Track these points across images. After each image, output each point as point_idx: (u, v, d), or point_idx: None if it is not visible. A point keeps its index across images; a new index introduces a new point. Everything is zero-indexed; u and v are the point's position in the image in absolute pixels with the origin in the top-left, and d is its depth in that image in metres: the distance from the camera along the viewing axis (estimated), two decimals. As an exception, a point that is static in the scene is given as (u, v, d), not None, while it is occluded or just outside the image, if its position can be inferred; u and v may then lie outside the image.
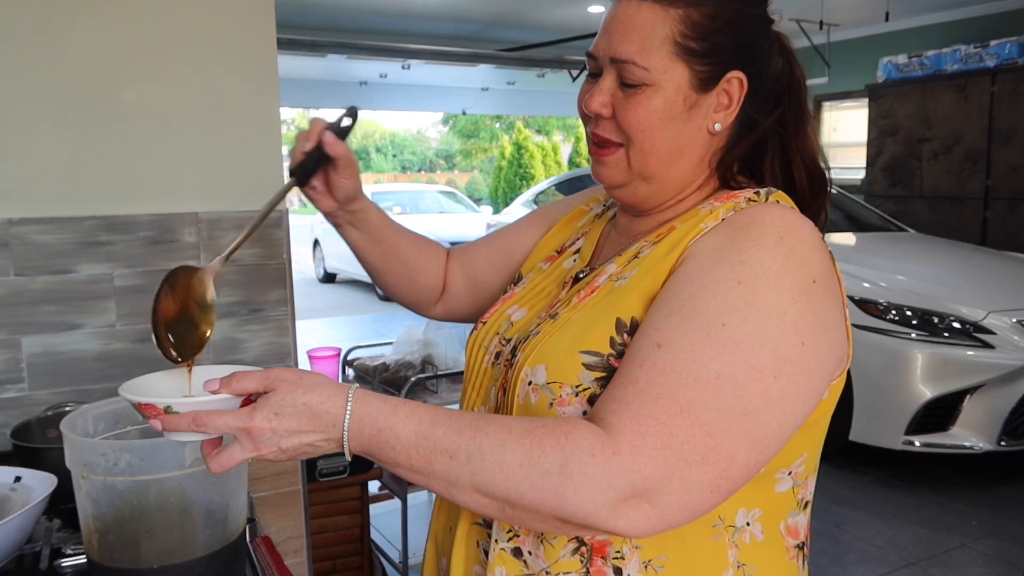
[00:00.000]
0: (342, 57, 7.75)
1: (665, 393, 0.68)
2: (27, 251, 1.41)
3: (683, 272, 0.76)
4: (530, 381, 0.79)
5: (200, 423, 0.68)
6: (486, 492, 0.67)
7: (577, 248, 0.98)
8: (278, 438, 0.68)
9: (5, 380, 1.41)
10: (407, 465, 0.69)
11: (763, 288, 0.71)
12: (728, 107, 0.83)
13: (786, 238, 0.74)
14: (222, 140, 1.53)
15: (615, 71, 0.82)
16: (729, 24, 0.81)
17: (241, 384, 0.70)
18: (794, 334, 0.71)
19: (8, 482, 1.04)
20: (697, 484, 0.67)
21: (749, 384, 0.68)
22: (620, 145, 0.84)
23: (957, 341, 3.47)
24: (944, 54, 6.43)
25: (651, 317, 0.74)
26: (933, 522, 3.26)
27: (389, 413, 0.69)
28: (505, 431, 0.68)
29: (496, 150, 23.43)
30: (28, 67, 1.38)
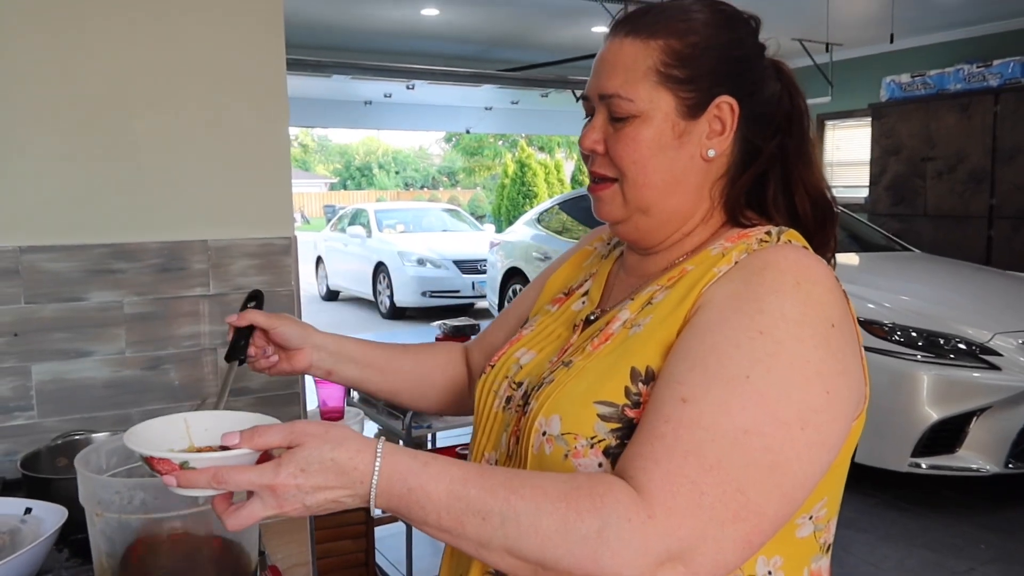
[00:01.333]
0: (347, 77, 7.82)
1: (694, 450, 0.67)
2: (37, 279, 1.41)
3: (701, 321, 0.75)
4: (544, 431, 0.78)
5: (221, 480, 0.65)
6: (519, 555, 0.66)
7: (585, 290, 0.97)
8: (303, 495, 0.65)
9: (15, 408, 1.41)
10: (436, 525, 0.67)
11: (784, 337, 0.71)
12: (722, 133, 0.83)
13: (803, 283, 0.74)
14: (231, 168, 1.54)
15: (605, 108, 0.84)
16: (711, 49, 0.82)
17: (264, 439, 0.67)
18: (818, 383, 0.70)
19: (18, 514, 1.04)
20: (730, 542, 0.66)
21: (777, 437, 0.68)
22: (615, 180, 0.85)
23: (963, 363, 3.46)
24: (947, 73, 6.46)
25: (672, 369, 0.73)
26: (940, 545, 3.24)
27: (419, 470, 0.67)
28: (540, 493, 0.66)
29: (499, 168, 23.50)
30: (41, 96, 1.39)
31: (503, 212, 17.50)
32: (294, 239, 1.61)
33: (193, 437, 0.74)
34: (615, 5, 6.66)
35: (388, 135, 35.32)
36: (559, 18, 7.42)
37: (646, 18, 0.84)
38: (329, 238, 11.27)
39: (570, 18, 7.39)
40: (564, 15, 7.26)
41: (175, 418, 0.76)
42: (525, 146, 19.11)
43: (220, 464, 0.65)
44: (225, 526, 0.67)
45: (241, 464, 0.66)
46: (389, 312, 9.47)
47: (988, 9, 6.66)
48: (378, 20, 7.41)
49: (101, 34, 1.43)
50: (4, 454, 1.40)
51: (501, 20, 7.55)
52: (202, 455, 0.67)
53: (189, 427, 0.75)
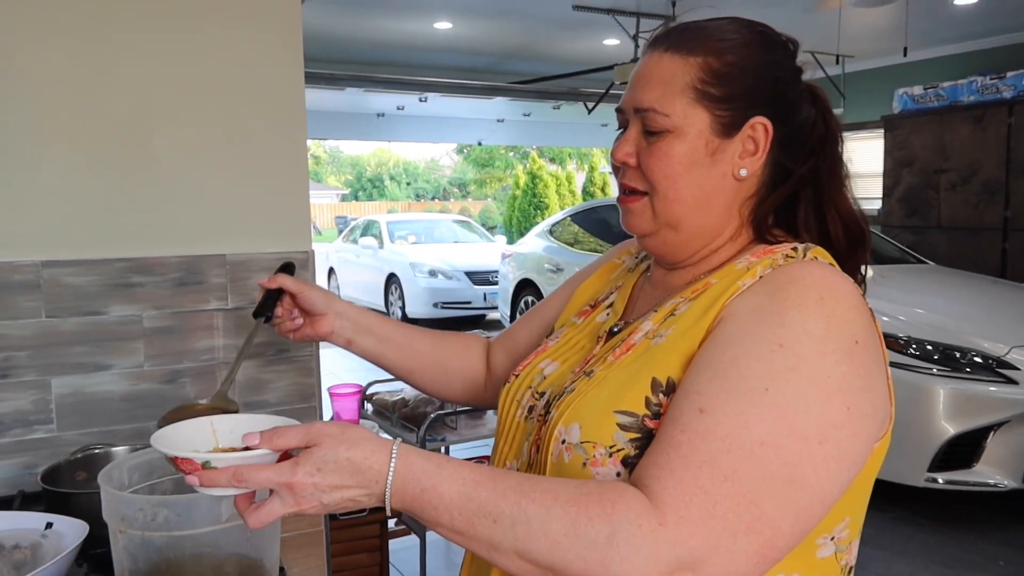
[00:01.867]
0: (360, 90, 7.87)
1: (709, 460, 0.67)
2: (58, 293, 1.42)
3: (722, 333, 0.75)
4: (563, 439, 0.79)
5: (241, 478, 0.67)
6: (529, 558, 0.66)
7: (610, 302, 0.97)
8: (320, 493, 0.67)
9: (34, 421, 1.42)
10: (448, 526, 0.68)
11: (806, 351, 0.70)
12: (755, 153, 0.83)
13: (827, 298, 0.73)
14: (250, 183, 1.55)
15: (639, 121, 0.84)
16: (749, 69, 0.82)
17: (283, 440, 0.69)
18: (839, 398, 0.70)
19: (39, 528, 1.04)
20: (743, 554, 0.66)
21: (794, 451, 0.67)
22: (645, 193, 0.85)
23: (980, 376, 3.43)
24: (960, 85, 6.44)
25: (691, 380, 0.73)
26: (958, 562, 3.20)
27: (432, 472, 0.68)
28: (551, 497, 0.67)
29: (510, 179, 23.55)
30: (62, 111, 1.41)
31: (514, 223, 17.54)
32: (311, 253, 1.62)
33: (219, 439, 0.76)
34: (628, 19, 6.69)
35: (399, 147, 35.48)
36: (571, 31, 7.45)
37: (685, 35, 0.84)
38: (341, 249, 11.31)
39: (582, 31, 7.42)
40: (576, 28, 7.29)
41: (201, 421, 0.78)
42: (536, 158, 19.14)
43: (240, 464, 0.67)
44: (247, 524, 0.69)
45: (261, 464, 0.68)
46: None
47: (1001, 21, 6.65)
48: (391, 33, 7.46)
49: (122, 49, 1.44)
50: (24, 467, 1.40)
51: (513, 33, 7.59)
52: (223, 455, 0.69)
53: (215, 430, 0.77)
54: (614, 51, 7.93)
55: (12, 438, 1.40)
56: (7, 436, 1.40)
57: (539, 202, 17.56)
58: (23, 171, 1.39)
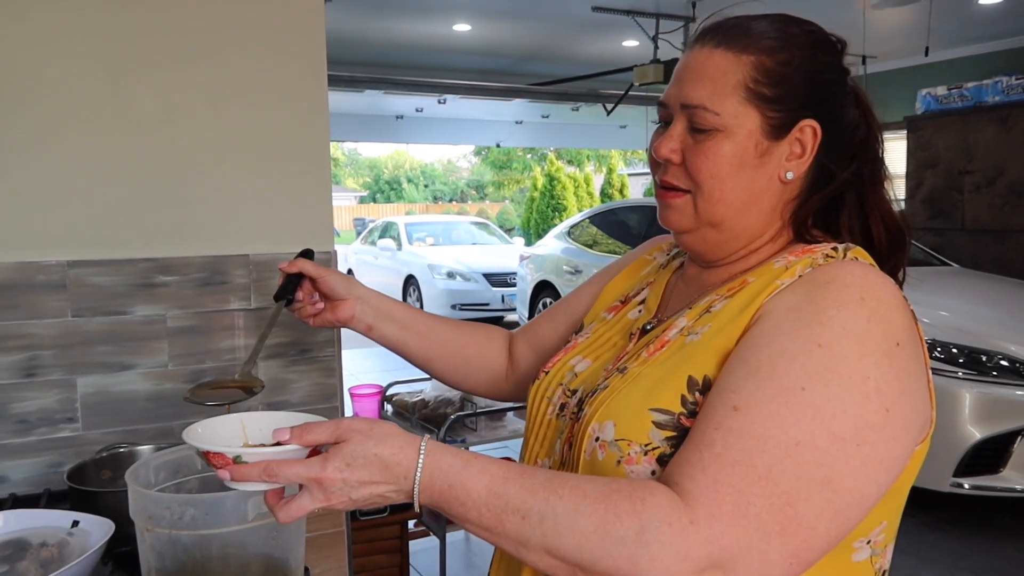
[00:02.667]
0: (379, 92, 7.90)
1: (743, 459, 0.66)
2: (83, 292, 1.43)
3: (759, 331, 0.74)
4: (597, 437, 0.78)
5: (272, 473, 0.67)
6: (557, 555, 0.66)
7: (642, 299, 0.96)
8: (349, 489, 0.68)
9: (60, 420, 1.43)
10: (477, 522, 0.68)
11: (845, 352, 0.69)
12: (801, 156, 0.82)
13: (868, 299, 0.72)
14: (273, 184, 1.55)
15: (685, 117, 0.82)
16: (802, 70, 0.81)
17: (312, 435, 0.69)
18: (877, 400, 0.68)
19: (66, 526, 1.05)
20: (776, 555, 0.65)
21: (830, 452, 0.66)
22: (687, 191, 0.83)
23: (1006, 380, 3.38)
24: (985, 86, 6.36)
25: (727, 378, 0.72)
26: (984, 568, 3.15)
27: (460, 468, 0.68)
28: (580, 494, 0.66)
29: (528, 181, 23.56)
30: (90, 115, 1.42)
31: (532, 225, 17.53)
32: (334, 253, 1.62)
33: (248, 435, 0.77)
34: (647, 20, 6.66)
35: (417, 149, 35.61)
36: (590, 32, 7.44)
37: (736, 31, 0.82)
38: (359, 251, 11.36)
39: (601, 32, 7.41)
40: (595, 29, 7.27)
41: (231, 418, 0.78)
42: (554, 159, 19.12)
43: (271, 459, 0.68)
44: (277, 519, 0.69)
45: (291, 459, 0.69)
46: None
47: (1027, 20, 6.56)
48: (411, 35, 7.49)
49: (148, 52, 1.45)
50: (49, 465, 1.41)
51: (532, 34, 7.58)
52: (254, 450, 0.69)
53: (245, 427, 0.78)
54: (633, 52, 7.90)
55: (38, 436, 1.41)
56: (33, 435, 1.41)
57: (557, 204, 17.54)
58: (49, 172, 1.40)
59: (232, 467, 0.68)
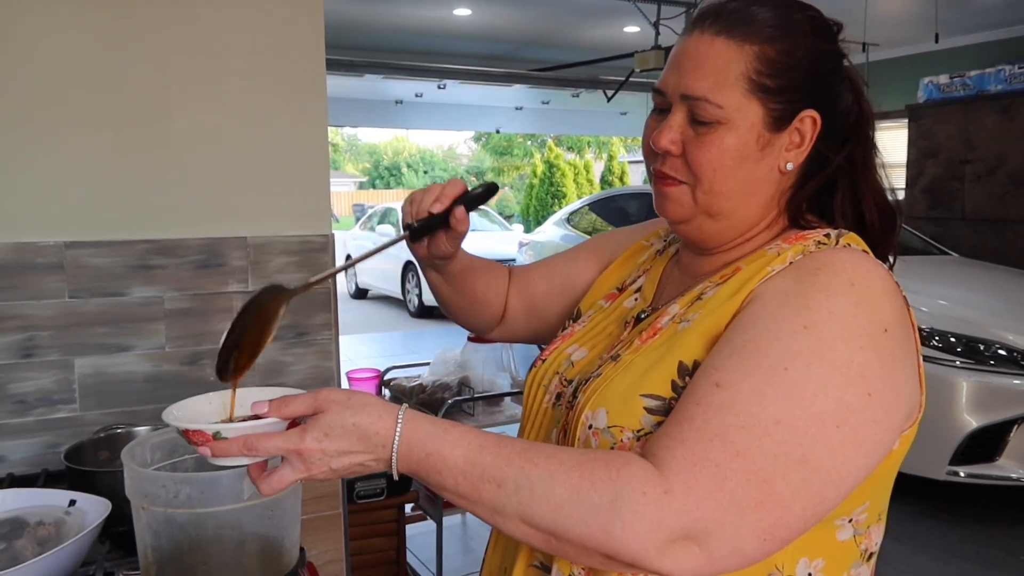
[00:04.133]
0: (378, 76, 7.87)
1: (722, 434, 0.66)
2: (81, 274, 1.43)
3: (747, 314, 0.74)
4: (591, 425, 0.78)
5: (251, 447, 0.68)
6: (532, 523, 0.66)
7: (638, 287, 0.96)
8: (328, 458, 0.68)
9: (58, 400, 1.43)
10: (454, 490, 0.69)
11: (830, 335, 0.69)
12: (800, 146, 0.81)
13: (858, 284, 0.72)
14: (271, 167, 1.55)
15: (686, 108, 0.80)
16: (804, 61, 0.79)
17: (290, 408, 0.70)
18: (860, 384, 0.68)
19: (63, 505, 1.05)
20: (750, 530, 0.65)
21: (809, 432, 0.66)
22: (685, 183, 0.82)
23: (1004, 369, 3.38)
24: (988, 74, 6.33)
25: (712, 357, 0.73)
26: (979, 556, 3.17)
27: (438, 436, 0.69)
28: (555, 462, 0.67)
29: (528, 168, 23.51)
30: (85, 95, 1.41)
31: (531, 212, 17.49)
32: (331, 236, 1.62)
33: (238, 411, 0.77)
34: (648, 5, 6.62)
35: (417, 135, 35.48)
36: (591, 18, 7.40)
37: (737, 17, 0.79)
38: (358, 237, 11.33)
39: (602, 18, 7.37)
40: (596, 15, 7.24)
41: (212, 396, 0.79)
42: (554, 146, 19.07)
43: (250, 433, 0.68)
44: (260, 491, 0.70)
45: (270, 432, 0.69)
46: (418, 311, 9.50)
47: (1031, 9, 6.53)
48: (410, 20, 7.45)
49: (144, 33, 1.44)
50: (47, 446, 1.42)
51: (533, 20, 7.54)
52: (233, 425, 0.69)
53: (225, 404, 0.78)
54: (634, 38, 7.86)
55: (36, 417, 1.42)
56: (31, 415, 1.41)
57: (556, 191, 17.50)
58: (46, 153, 1.40)
59: (212, 443, 0.68)
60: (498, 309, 1.12)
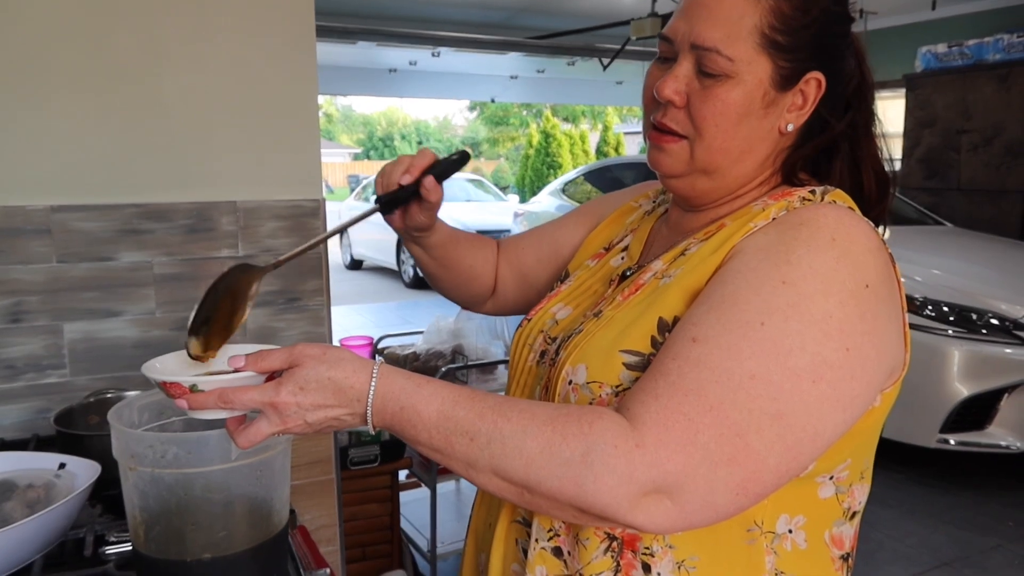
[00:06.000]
0: (372, 44, 7.77)
1: (696, 389, 0.66)
2: (68, 238, 1.42)
3: (727, 269, 0.74)
4: (571, 380, 0.78)
5: (227, 399, 0.68)
6: (505, 476, 0.67)
7: (625, 245, 0.95)
8: (303, 412, 0.68)
9: (47, 366, 1.42)
10: (427, 444, 0.69)
11: (809, 290, 0.68)
12: (802, 108, 0.80)
13: (839, 240, 0.71)
14: (261, 130, 1.53)
15: (694, 58, 0.78)
16: (818, 20, 0.78)
17: (267, 362, 0.70)
18: (838, 339, 0.68)
19: (52, 468, 1.05)
20: (723, 485, 0.65)
21: (784, 386, 0.66)
22: (684, 137, 0.80)
23: (996, 338, 3.39)
24: (986, 43, 6.28)
25: (691, 312, 0.72)
26: (968, 523, 3.21)
27: (412, 391, 0.69)
28: (527, 416, 0.67)
29: (523, 138, 23.36)
30: (72, 58, 1.39)
31: (527, 183, 17.43)
32: (322, 201, 1.60)
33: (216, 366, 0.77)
34: (645, -29, 6.53)
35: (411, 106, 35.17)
36: (587, -16, 7.30)
37: None
38: (353, 207, 11.28)
39: (598, -16, 7.26)
40: (592, -19, 7.13)
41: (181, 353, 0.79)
42: (550, 116, 18.94)
43: (226, 386, 0.69)
44: (236, 443, 0.70)
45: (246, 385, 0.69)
46: (412, 281, 9.50)
47: (1031, -24, 6.46)
48: (404, -14, 7.33)
49: (130, -8, 1.41)
50: (37, 411, 1.41)
51: (528, -14, 7.44)
52: (209, 378, 0.70)
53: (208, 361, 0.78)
54: (630, 6, 7.76)
55: (26, 382, 1.41)
56: (20, 380, 1.41)
57: (552, 161, 17.42)
58: (31, 116, 1.37)
59: (189, 396, 0.69)
60: (488, 282, 1.12)
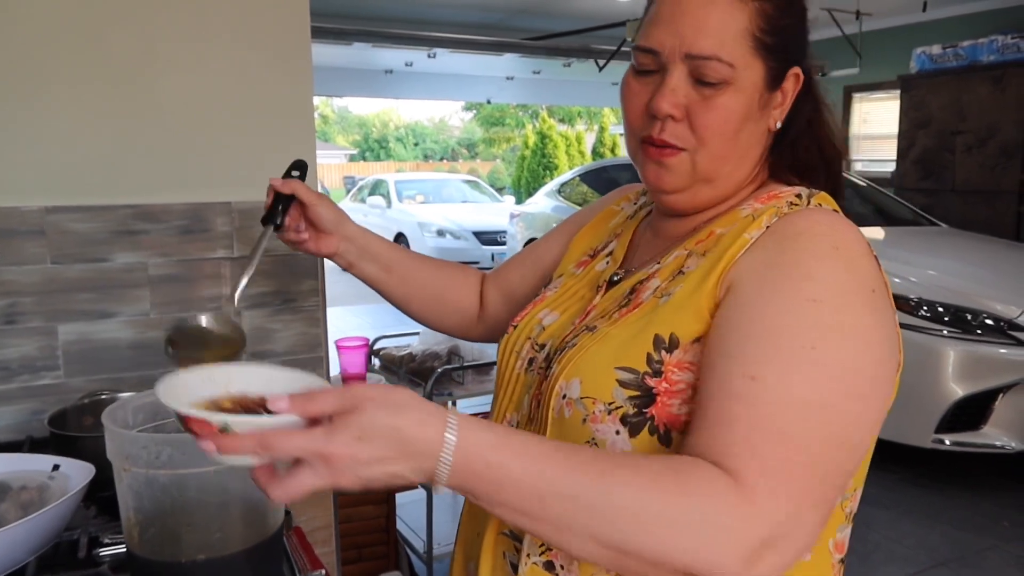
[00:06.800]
0: (368, 45, 7.77)
1: (779, 430, 0.64)
2: (63, 239, 1.41)
3: (747, 293, 0.71)
4: (564, 395, 0.76)
5: (268, 446, 0.57)
6: (604, 541, 0.61)
7: (610, 250, 0.94)
8: (359, 466, 0.57)
9: (41, 367, 1.42)
10: (515, 506, 0.60)
11: (838, 304, 0.68)
12: (783, 103, 0.80)
13: (841, 248, 0.71)
14: (256, 130, 1.53)
15: (686, 68, 0.75)
16: (795, 17, 0.78)
17: (317, 405, 0.58)
18: (874, 350, 0.68)
19: (46, 470, 1.05)
20: (812, 525, 0.64)
21: (840, 408, 0.65)
22: (684, 149, 0.78)
23: (990, 339, 3.41)
24: (980, 44, 6.30)
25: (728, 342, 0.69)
26: (963, 523, 3.22)
27: (499, 445, 0.60)
28: (630, 472, 0.62)
29: (519, 139, 23.37)
30: (66, 58, 1.38)
31: (523, 184, 17.43)
32: (318, 202, 1.60)
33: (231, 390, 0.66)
34: (640, -28, 6.52)
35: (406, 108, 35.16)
36: (583, -14, 7.31)
37: None
38: (349, 208, 11.29)
39: (594, -14, 7.27)
40: (588, -17, 7.14)
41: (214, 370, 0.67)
42: (546, 117, 18.96)
43: (264, 428, 0.57)
44: (269, 496, 0.59)
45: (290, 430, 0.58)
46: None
47: (1025, -22, 6.48)
48: (400, -13, 7.33)
49: (125, -7, 1.41)
50: (32, 413, 1.41)
51: (524, -12, 7.44)
52: (244, 419, 0.59)
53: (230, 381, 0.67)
54: (626, 7, 7.77)
55: (20, 384, 1.41)
56: (15, 382, 1.40)
57: (548, 162, 17.42)
58: (26, 116, 1.37)
59: (218, 438, 0.58)
60: (471, 306, 1.12)
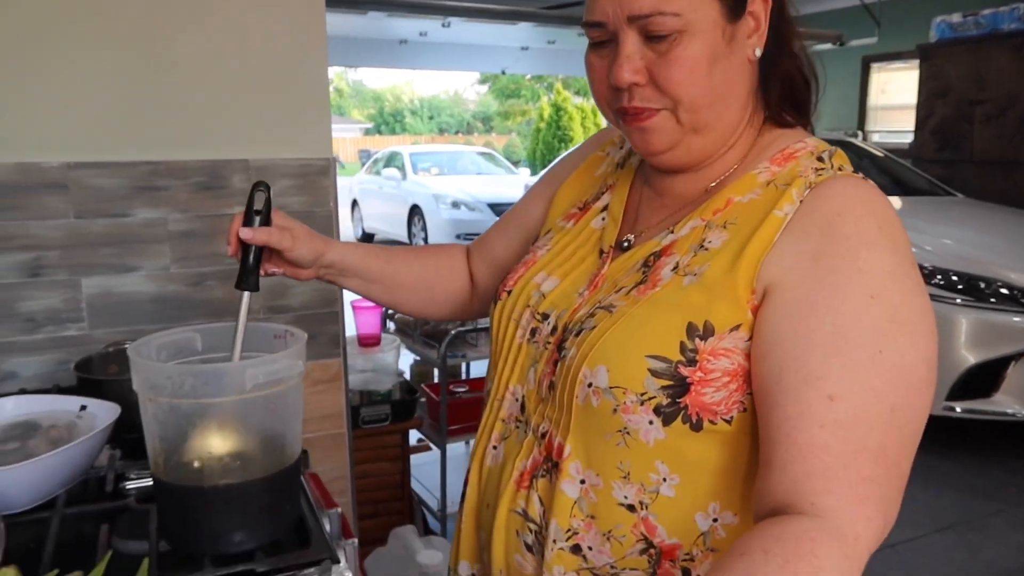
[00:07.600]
0: (382, 14, 7.74)
1: (862, 448, 0.64)
2: (85, 194, 1.45)
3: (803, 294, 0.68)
4: (591, 383, 0.73)
5: None
6: None
7: (604, 204, 0.90)
8: None
9: (66, 319, 1.46)
10: None
11: (893, 296, 0.67)
12: (758, 29, 0.76)
13: (884, 226, 0.70)
14: (272, 89, 1.55)
15: (636, 30, 0.73)
16: None
17: None
18: (923, 338, 0.68)
19: (74, 410, 1.09)
20: (885, 526, 0.64)
21: (908, 404, 0.66)
22: (663, 109, 0.75)
23: (1004, 307, 3.40)
24: (1002, 12, 6.19)
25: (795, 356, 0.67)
26: (972, 488, 3.24)
27: None
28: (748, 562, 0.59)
29: (535, 112, 23.24)
30: (87, 18, 1.41)
31: (538, 156, 17.37)
32: (332, 160, 1.63)
33: None
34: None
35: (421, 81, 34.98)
36: (598, -46, 7.21)
37: None
38: (364, 180, 11.31)
39: (610, -46, 7.18)
40: (604, -50, 7.05)
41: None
42: (561, 89, 18.82)
43: None
44: None
45: None
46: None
47: (1050, -57, 6.34)
48: (414, -44, 7.28)
49: (142, -49, 1.43)
50: (58, 363, 1.46)
51: (539, -44, 7.37)
52: None
53: None
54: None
55: (46, 335, 1.45)
56: (41, 333, 1.45)
57: (563, 135, 17.33)
58: (48, 74, 1.40)
59: None
60: (461, 288, 1.08)
